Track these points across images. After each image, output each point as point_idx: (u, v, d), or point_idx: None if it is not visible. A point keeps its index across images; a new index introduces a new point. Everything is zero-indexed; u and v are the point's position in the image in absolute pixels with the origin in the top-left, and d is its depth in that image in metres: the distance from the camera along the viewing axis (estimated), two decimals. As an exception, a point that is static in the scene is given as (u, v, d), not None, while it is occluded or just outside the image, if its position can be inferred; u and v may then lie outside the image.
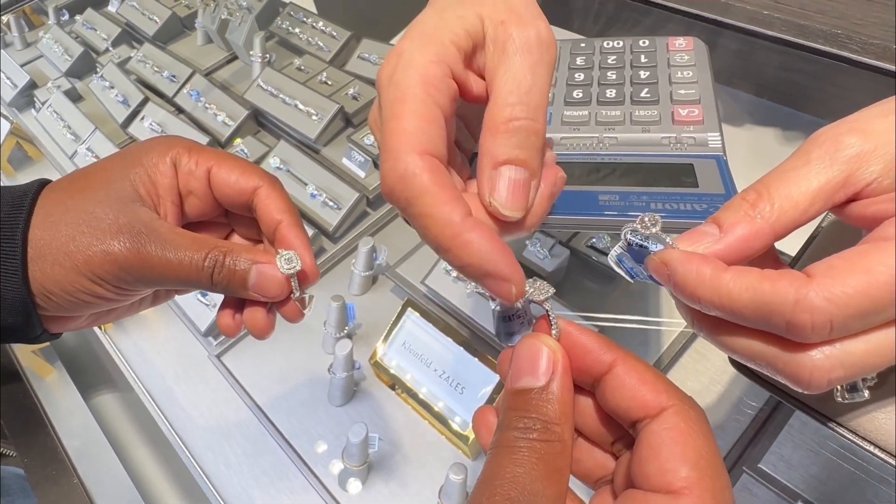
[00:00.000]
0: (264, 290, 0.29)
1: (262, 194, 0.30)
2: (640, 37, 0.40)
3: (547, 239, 0.53)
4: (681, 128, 0.33)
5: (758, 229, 0.21)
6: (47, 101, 0.83)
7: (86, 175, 0.30)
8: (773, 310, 0.19)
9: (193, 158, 0.30)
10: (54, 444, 0.37)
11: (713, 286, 0.20)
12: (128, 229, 0.28)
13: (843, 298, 0.19)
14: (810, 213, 0.21)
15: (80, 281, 0.28)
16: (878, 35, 0.39)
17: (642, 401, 0.21)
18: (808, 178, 0.21)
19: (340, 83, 0.72)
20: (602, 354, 0.22)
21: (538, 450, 0.20)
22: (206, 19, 0.85)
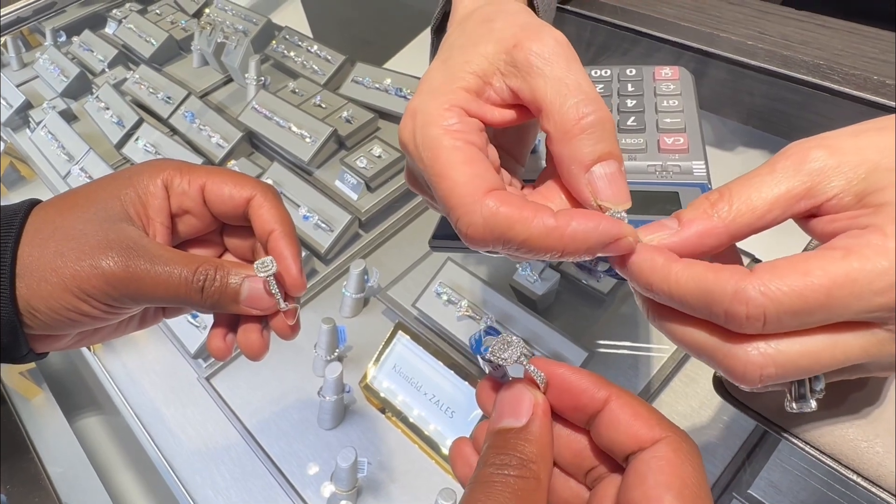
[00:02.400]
0: (256, 303, 0.29)
1: (255, 204, 0.31)
2: (627, 66, 0.41)
3: (537, 263, 0.53)
4: (666, 156, 0.33)
5: (712, 227, 0.22)
6: (42, 122, 0.84)
7: (76, 195, 0.30)
8: (714, 299, 0.20)
9: (185, 178, 0.31)
10: (38, 471, 0.36)
11: (663, 274, 0.22)
12: (116, 245, 0.28)
13: (778, 294, 0.20)
14: (767, 218, 0.22)
15: (67, 297, 0.27)
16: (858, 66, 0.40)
17: (636, 434, 0.22)
18: (770, 185, 0.22)
19: (334, 106, 0.72)
20: (596, 392, 0.23)
21: (512, 485, 0.21)
22: (203, 42, 0.86)
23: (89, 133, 0.81)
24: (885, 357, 0.21)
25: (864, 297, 0.19)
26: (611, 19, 0.52)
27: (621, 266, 0.23)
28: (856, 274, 0.19)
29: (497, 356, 0.23)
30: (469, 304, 0.51)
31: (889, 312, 0.20)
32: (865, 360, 0.21)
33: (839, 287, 0.19)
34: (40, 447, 0.38)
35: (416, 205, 0.66)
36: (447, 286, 0.53)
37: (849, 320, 0.20)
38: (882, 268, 0.19)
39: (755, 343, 0.21)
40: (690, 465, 0.21)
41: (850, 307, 0.20)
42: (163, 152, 0.74)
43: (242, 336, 0.31)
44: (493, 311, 0.51)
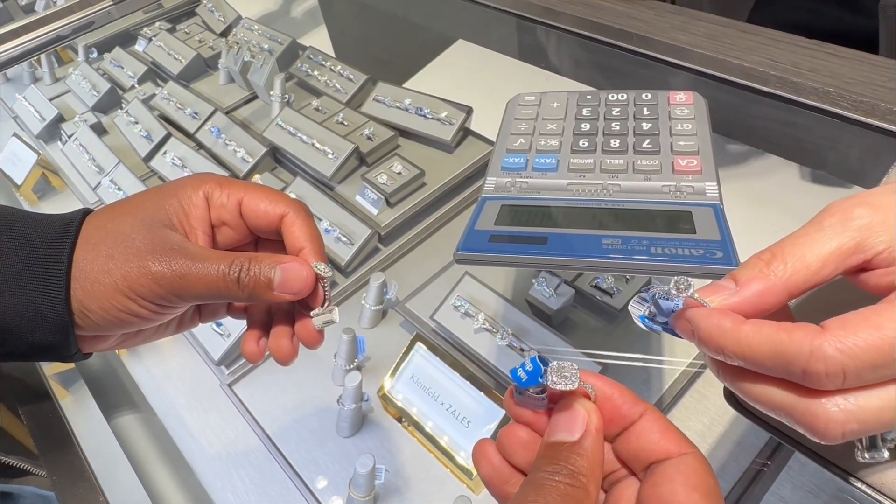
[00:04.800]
0: (290, 286, 0.31)
1: (288, 220, 0.32)
2: (644, 90, 0.43)
3: (553, 278, 0.54)
4: (680, 177, 0.35)
5: (771, 286, 0.23)
6: (74, 135, 0.87)
7: (125, 203, 0.32)
8: (791, 360, 0.21)
9: (225, 192, 0.33)
10: (81, 464, 0.38)
11: (734, 338, 0.22)
12: (161, 247, 0.30)
13: (854, 350, 0.20)
14: (822, 274, 0.23)
15: (118, 297, 0.29)
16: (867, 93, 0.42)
17: (665, 447, 0.23)
18: (821, 242, 0.23)
19: (356, 124, 0.75)
20: (633, 407, 0.24)
21: (561, 490, 0.22)
22: (230, 60, 0.89)
23: (119, 146, 0.84)
24: None
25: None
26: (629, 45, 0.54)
27: (689, 336, 0.24)
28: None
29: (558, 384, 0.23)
30: (486, 317, 0.53)
31: None
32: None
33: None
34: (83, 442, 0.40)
35: (434, 220, 0.68)
36: (465, 299, 0.54)
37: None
38: None
39: (834, 399, 0.21)
40: (712, 478, 0.22)
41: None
42: (189, 166, 0.77)
43: (273, 342, 0.33)
44: (509, 324, 0.52)
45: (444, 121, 0.71)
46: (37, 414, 0.40)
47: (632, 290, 0.54)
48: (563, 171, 0.37)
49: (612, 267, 0.29)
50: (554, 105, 0.43)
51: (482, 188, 0.38)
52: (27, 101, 0.97)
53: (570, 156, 0.38)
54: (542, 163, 0.38)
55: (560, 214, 0.33)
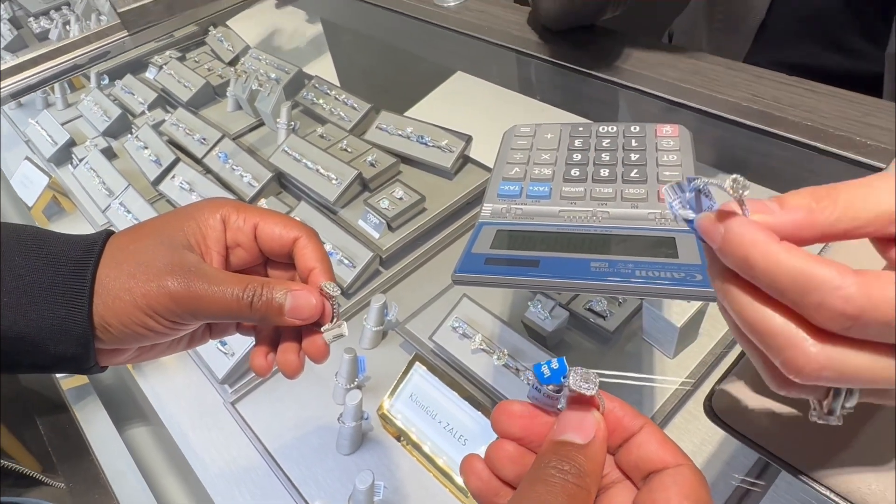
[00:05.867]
0: (299, 313, 0.33)
1: (300, 244, 0.35)
2: (633, 123, 0.45)
3: (548, 301, 0.56)
4: (665, 205, 0.37)
5: (813, 221, 0.22)
6: (85, 159, 0.89)
7: (146, 226, 0.34)
8: (813, 288, 0.20)
9: (241, 216, 0.35)
10: (97, 471, 0.39)
11: (763, 251, 0.21)
12: (179, 269, 0.32)
13: (878, 300, 0.20)
14: (865, 230, 0.22)
15: (136, 314, 0.31)
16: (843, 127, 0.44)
17: (662, 458, 0.24)
18: (878, 198, 0.22)
19: (359, 151, 0.77)
20: (634, 420, 0.26)
21: (569, 489, 0.23)
22: (238, 88, 0.92)
23: (128, 170, 0.86)
24: None
25: None
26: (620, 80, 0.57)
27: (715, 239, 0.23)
28: None
29: (580, 386, 0.25)
30: (483, 338, 0.54)
31: None
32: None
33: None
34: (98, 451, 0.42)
35: (434, 244, 0.70)
36: (463, 321, 0.56)
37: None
38: None
39: (825, 343, 0.21)
40: (704, 489, 0.24)
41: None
42: (197, 190, 0.79)
43: (281, 356, 0.35)
44: (505, 345, 0.54)
45: (444, 149, 0.74)
46: (55, 425, 0.42)
47: (624, 312, 0.56)
48: (556, 199, 0.39)
49: (599, 288, 0.31)
50: (548, 136, 0.45)
51: (479, 214, 0.40)
52: (40, 125, 1.00)
53: (563, 184, 0.40)
54: (536, 190, 0.40)
55: (552, 239, 0.35)
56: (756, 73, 0.51)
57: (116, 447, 0.45)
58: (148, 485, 0.44)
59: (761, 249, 0.22)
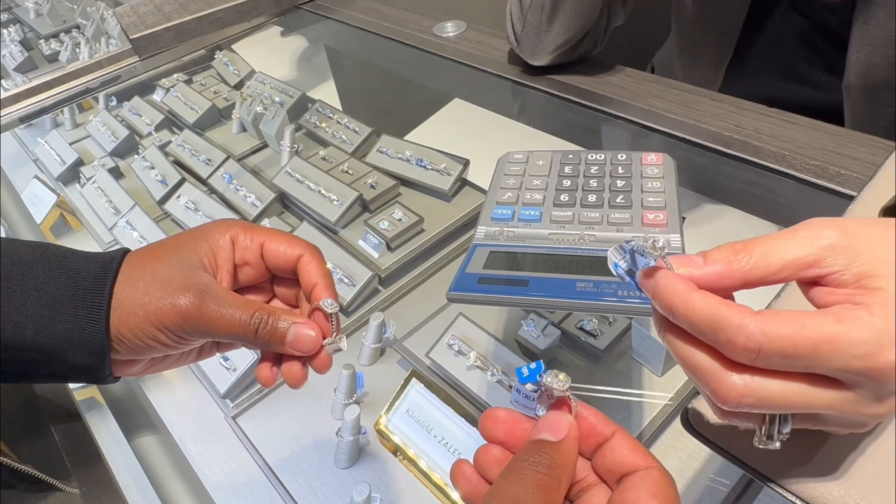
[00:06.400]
0: (299, 345, 0.35)
1: (304, 261, 0.37)
2: (620, 151, 0.48)
3: (540, 320, 0.58)
4: (648, 229, 0.39)
5: (731, 271, 0.26)
6: (92, 178, 0.91)
7: (160, 246, 0.37)
8: (721, 328, 0.24)
9: (249, 236, 0.37)
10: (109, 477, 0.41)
11: (683, 300, 0.26)
12: (192, 288, 0.34)
13: (774, 336, 0.24)
14: (779, 276, 0.26)
15: (149, 328, 0.33)
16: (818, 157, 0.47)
17: (633, 461, 0.26)
18: (786, 248, 0.26)
19: (360, 173, 0.80)
20: (606, 426, 0.28)
21: (539, 479, 0.25)
22: (243, 111, 0.95)
23: (135, 189, 0.89)
24: (846, 415, 0.26)
25: (842, 357, 0.24)
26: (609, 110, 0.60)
27: (648, 289, 0.27)
28: (841, 337, 0.23)
29: (553, 381, 0.28)
30: (478, 355, 0.56)
31: (860, 377, 0.24)
32: (828, 413, 0.26)
33: (825, 343, 0.23)
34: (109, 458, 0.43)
35: (432, 264, 0.72)
36: (458, 339, 0.58)
37: (825, 375, 0.24)
38: (863, 338, 0.23)
39: (743, 374, 0.25)
40: (672, 489, 0.26)
41: (830, 363, 0.24)
42: (202, 209, 0.82)
43: (286, 368, 0.36)
44: (499, 362, 0.56)
45: (442, 172, 0.76)
46: (68, 433, 0.43)
47: (614, 332, 0.58)
48: (546, 223, 0.41)
49: (585, 307, 0.33)
50: (539, 163, 0.48)
51: (473, 236, 0.43)
52: (49, 145, 1.02)
53: (553, 209, 0.42)
54: (527, 214, 0.42)
55: (541, 261, 0.37)
56: (738, 105, 0.54)
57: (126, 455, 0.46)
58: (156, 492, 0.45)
59: (681, 297, 0.26)
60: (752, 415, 0.27)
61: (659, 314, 0.28)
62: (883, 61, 0.68)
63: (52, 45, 1.41)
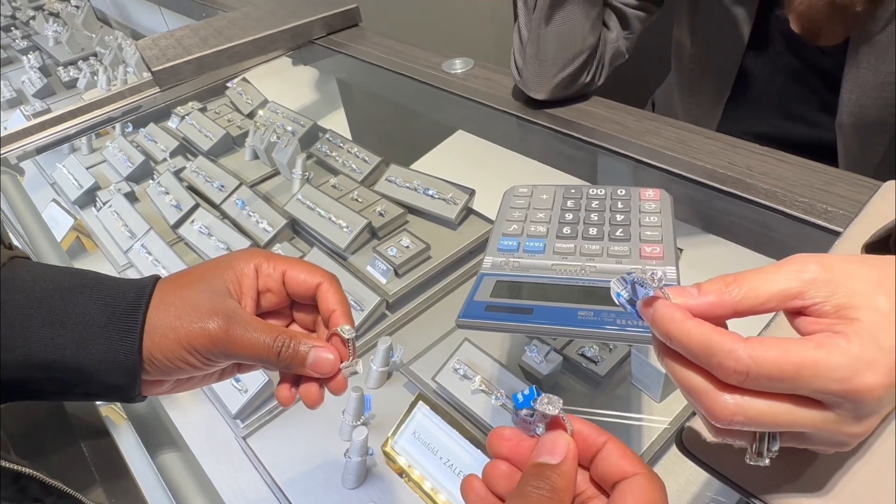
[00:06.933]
0: (319, 368, 0.38)
1: (322, 289, 0.39)
2: (619, 186, 0.50)
3: (543, 346, 0.60)
4: (646, 261, 0.42)
5: (723, 302, 0.29)
6: (108, 202, 0.94)
7: (189, 274, 0.39)
8: (712, 352, 0.27)
9: (271, 265, 0.40)
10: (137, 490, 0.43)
11: (679, 327, 0.28)
12: (220, 313, 0.36)
13: (760, 359, 0.26)
14: (767, 306, 0.29)
15: (179, 350, 0.36)
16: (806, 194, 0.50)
17: (623, 468, 0.29)
18: (773, 281, 0.29)
19: (369, 201, 0.83)
20: (599, 437, 0.30)
21: (541, 499, 0.27)
22: (256, 139, 0.98)
23: (150, 214, 0.91)
24: (828, 434, 0.28)
25: (822, 380, 0.26)
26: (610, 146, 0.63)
27: (647, 318, 0.30)
28: (821, 362, 0.26)
29: (545, 407, 0.30)
30: (482, 380, 0.58)
31: (839, 399, 0.27)
32: (811, 432, 0.28)
33: (806, 367, 0.26)
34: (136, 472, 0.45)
35: (438, 290, 0.74)
36: (464, 363, 0.60)
37: (808, 396, 0.27)
38: (840, 363, 0.26)
39: (734, 394, 0.27)
40: (658, 493, 0.28)
41: (811, 385, 0.26)
42: (215, 234, 0.84)
43: (304, 389, 0.39)
44: (503, 387, 0.57)
45: (449, 201, 0.79)
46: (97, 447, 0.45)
47: (614, 358, 0.60)
48: (549, 254, 0.44)
49: (586, 334, 0.36)
50: (543, 197, 0.51)
51: (481, 265, 0.45)
52: (66, 169, 1.05)
53: (555, 241, 0.45)
54: (532, 246, 0.45)
55: (545, 290, 0.40)
56: (732, 143, 0.57)
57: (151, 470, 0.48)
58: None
59: (678, 325, 0.28)
60: (744, 433, 0.29)
61: (658, 340, 0.30)
62: (874, 102, 0.71)
63: (70, 72, 1.46)
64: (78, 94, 1.40)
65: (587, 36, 0.70)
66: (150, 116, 1.16)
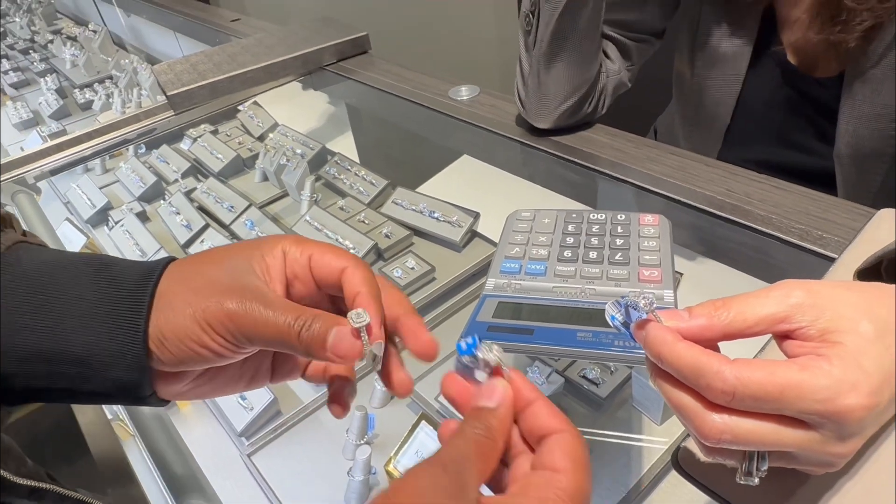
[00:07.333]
0: (338, 349, 0.33)
1: (348, 272, 0.35)
2: (619, 212, 0.52)
3: (545, 367, 0.61)
4: (644, 285, 0.43)
5: (712, 325, 0.30)
6: (120, 221, 0.96)
7: (210, 254, 0.36)
8: (701, 373, 0.28)
9: (299, 248, 0.36)
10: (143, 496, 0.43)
11: (670, 349, 0.30)
12: (241, 290, 0.33)
13: (746, 380, 0.28)
14: (754, 330, 0.30)
15: (194, 328, 0.32)
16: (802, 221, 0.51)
17: (551, 424, 0.29)
18: (761, 306, 0.30)
19: (376, 223, 0.84)
20: (531, 392, 0.31)
21: (477, 438, 0.28)
22: (266, 162, 1.01)
23: (160, 233, 0.93)
24: (814, 454, 0.29)
25: (806, 401, 0.27)
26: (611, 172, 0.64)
27: (640, 339, 0.31)
28: (804, 384, 0.27)
29: (486, 354, 0.31)
30: (484, 400, 0.59)
31: (822, 419, 0.28)
32: (797, 452, 0.29)
33: (790, 388, 0.27)
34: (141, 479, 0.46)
35: (442, 311, 0.75)
36: (466, 383, 0.61)
37: (793, 416, 0.28)
38: (823, 384, 0.27)
39: (722, 414, 0.28)
40: (583, 449, 0.29)
41: (795, 406, 0.28)
42: (224, 253, 0.86)
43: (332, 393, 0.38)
44: (504, 407, 0.58)
45: (453, 223, 0.81)
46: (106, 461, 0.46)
47: (616, 381, 0.61)
48: (550, 276, 0.45)
49: (584, 355, 0.37)
50: (545, 221, 0.52)
51: (484, 287, 0.46)
52: (79, 188, 1.07)
53: (557, 264, 0.46)
54: (533, 269, 0.46)
55: (545, 311, 0.41)
56: (730, 171, 0.58)
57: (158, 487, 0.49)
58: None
59: (668, 347, 0.30)
60: (734, 452, 0.30)
61: (651, 361, 0.32)
62: (871, 133, 0.73)
63: (85, 95, 1.50)
64: (93, 115, 1.44)
65: (587, 70, 0.72)
66: (163, 138, 1.19)
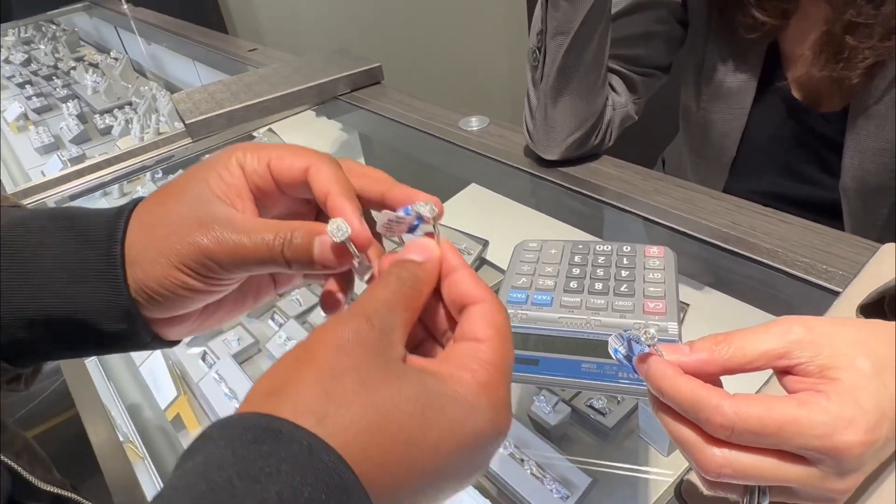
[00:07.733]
0: (327, 260, 0.30)
1: (312, 171, 0.31)
2: (625, 243, 0.53)
3: (551, 397, 0.62)
4: (649, 316, 0.44)
5: (712, 360, 0.31)
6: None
7: (170, 187, 0.33)
8: (700, 408, 0.29)
9: (255, 156, 0.32)
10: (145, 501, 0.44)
11: (670, 383, 0.30)
12: (208, 222, 0.30)
13: (744, 416, 0.28)
14: (754, 365, 0.31)
15: (173, 273, 0.30)
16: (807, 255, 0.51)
17: (473, 293, 0.29)
18: (760, 341, 0.31)
19: (385, 250, 0.85)
20: (456, 259, 0.30)
21: (402, 287, 0.28)
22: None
23: (175, 257, 0.95)
24: (814, 490, 0.29)
25: (804, 436, 0.28)
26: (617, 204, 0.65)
27: (642, 373, 0.32)
28: (802, 419, 0.28)
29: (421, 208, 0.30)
30: (490, 428, 0.59)
31: (821, 455, 0.28)
32: (797, 487, 0.29)
33: (789, 424, 0.28)
34: None
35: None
36: (472, 411, 0.61)
37: (792, 452, 0.28)
38: (820, 420, 0.28)
39: (723, 448, 0.29)
40: (505, 318, 0.29)
41: (793, 441, 0.28)
42: (237, 278, 0.87)
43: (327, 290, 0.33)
44: (511, 437, 0.58)
45: (463, 251, 0.82)
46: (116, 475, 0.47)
47: (622, 411, 0.61)
48: (556, 307, 0.46)
49: (588, 386, 0.37)
50: (552, 251, 0.53)
51: (491, 316, 0.47)
52: (98, 212, 1.10)
53: (563, 294, 0.47)
54: (540, 299, 0.47)
55: (550, 342, 0.42)
56: (736, 203, 0.59)
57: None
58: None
59: (669, 381, 0.31)
60: (735, 487, 0.30)
61: (653, 397, 0.32)
62: (876, 168, 0.74)
63: (105, 120, 1.54)
64: (112, 140, 1.48)
65: (593, 103, 0.74)
66: (181, 164, 1.22)
